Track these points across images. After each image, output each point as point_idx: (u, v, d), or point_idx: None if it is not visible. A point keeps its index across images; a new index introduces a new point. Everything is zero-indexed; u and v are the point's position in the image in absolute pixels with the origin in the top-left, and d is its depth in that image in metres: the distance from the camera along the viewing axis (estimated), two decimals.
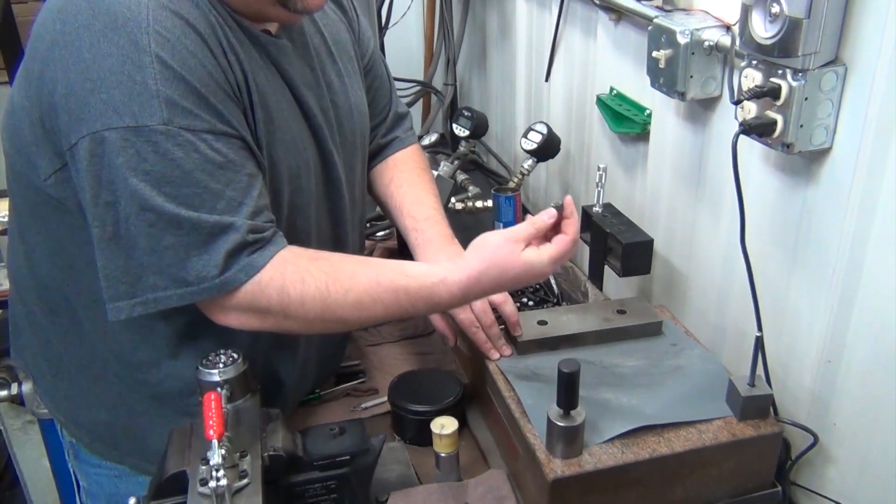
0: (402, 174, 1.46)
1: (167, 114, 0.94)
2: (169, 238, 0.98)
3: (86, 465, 1.31)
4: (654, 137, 1.58)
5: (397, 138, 1.50)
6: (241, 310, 1.05)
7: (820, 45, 1.02)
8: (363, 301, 1.08)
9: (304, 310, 1.06)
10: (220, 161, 0.99)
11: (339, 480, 1.09)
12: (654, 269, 1.59)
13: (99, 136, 0.94)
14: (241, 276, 1.02)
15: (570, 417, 1.05)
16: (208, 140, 0.98)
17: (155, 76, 0.94)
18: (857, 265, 1.09)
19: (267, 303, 1.05)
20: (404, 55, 3.02)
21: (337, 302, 1.07)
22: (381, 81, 1.46)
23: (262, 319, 1.07)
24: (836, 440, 1.19)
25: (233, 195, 1.01)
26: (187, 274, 1.00)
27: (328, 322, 1.10)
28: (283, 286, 1.05)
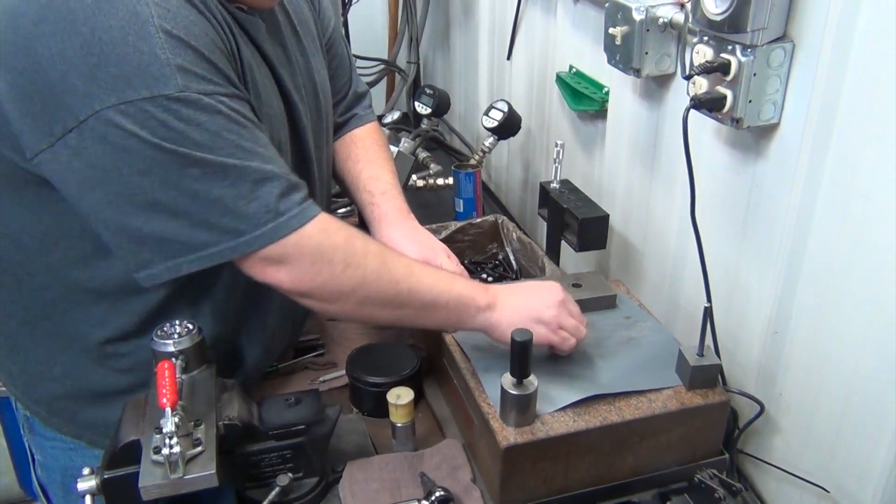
0: (360, 150, 1.47)
1: (182, 81, 0.93)
2: (217, 190, 0.97)
3: (40, 439, 1.30)
4: (612, 115, 1.60)
5: (356, 115, 1.51)
6: (303, 256, 1.03)
7: (768, 21, 1.04)
8: (412, 266, 1.13)
9: (366, 261, 1.07)
10: (241, 121, 0.99)
11: (295, 450, 1.10)
12: (611, 245, 1.61)
13: (115, 111, 0.91)
14: (294, 223, 1.01)
15: (522, 386, 1.07)
16: (226, 102, 0.98)
17: (163, 45, 0.92)
18: (803, 238, 1.12)
19: (332, 247, 1.05)
20: (368, 34, 3.01)
21: (393, 260, 1.10)
22: (340, 59, 1.46)
23: (318, 270, 1.05)
24: (782, 409, 1.22)
25: (263, 151, 1.01)
26: (240, 222, 0.99)
27: (381, 279, 1.09)
28: (350, 233, 1.07)
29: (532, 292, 1.21)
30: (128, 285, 1.08)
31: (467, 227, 1.72)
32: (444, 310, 1.14)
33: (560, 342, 1.18)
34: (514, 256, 1.68)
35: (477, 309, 1.15)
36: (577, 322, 1.20)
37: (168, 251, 1.00)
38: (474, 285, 1.18)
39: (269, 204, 1.00)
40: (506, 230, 1.71)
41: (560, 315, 1.18)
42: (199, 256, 1.00)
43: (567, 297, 1.21)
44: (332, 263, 1.05)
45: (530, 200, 2.15)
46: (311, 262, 1.04)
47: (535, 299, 1.18)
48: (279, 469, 1.10)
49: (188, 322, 1.10)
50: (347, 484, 1.14)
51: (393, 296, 1.11)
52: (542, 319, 1.16)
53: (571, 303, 1.22)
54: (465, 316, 1.15)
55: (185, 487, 0.94)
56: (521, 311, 1.16)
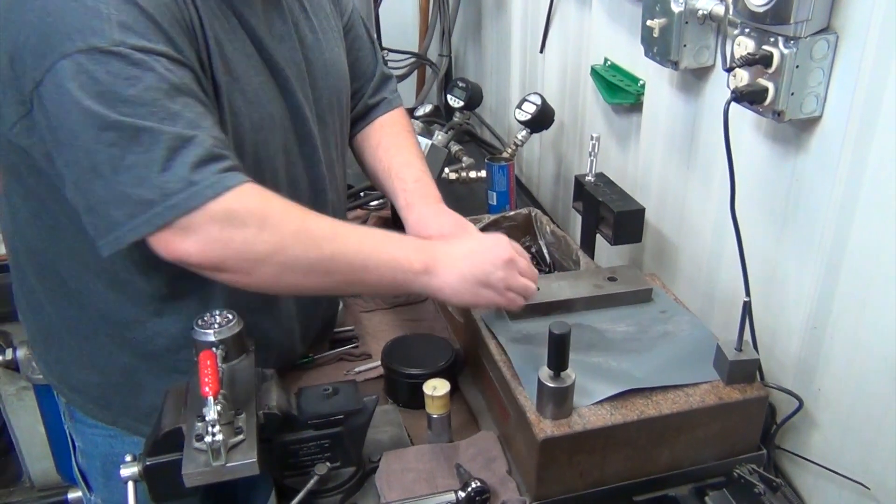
0: (389, 138, 1.44)
1: (119, 35, 0.93)
2: (130, 157, 0.94)
3: (81, 426, 1.33)
4: (648, 107, 1.59)
5: (385, 99, 1.48)
6: (211, 223, 0.97)
7: (812, 12, 1.03)
8: (337, 228, 1.06)
9: (284, 223, 1.01)
10: (176, 83, 0.97)
11: (333, 439, 1.11)
12: (646, 238, 1.60)
13: (57, 66, 0.93)
14: (209, 193, 0.96)
15: (560, 379, 1.07)
16: (163, 62, 0.96)
17: (107, 2, 0.94)
18: (844, 233, 1.11)
19: (245, 211, 0.99)
20: (399, 27, 3.01)
21: (316, 222, 1.05)
22: (361, 42, 1.44)
23: (230, 236, 0.98)
24: (821, 405, 1.21)
25: (191, 116, 0.97)
26: (152, 193, 0.94)
27: (300, 241, 1.02)
28: (268, 197, 1.01)
29: (477, 252, 1.15)
30: (130, 266, 1.10)
31: (500, 220, 1.72)
32: (376, 274, 1.08)
33: (507, 303, 1.15)
34: (548, 250, 1.68)
35: (414, 273, 1.09)
36: (527, 281, 1.16)
37: (108, 220, 0.97)
38: (410, 246, 1.12)
39: (182, 173, 0.95)
40: (539, 223, 1.71)
41: (508, 276, 1.13)
42: (128, 229, 0.96)
43: (515, 252, 1.16)
44: (245, 227, 0.99)
45: (563, 194, 2.15)
46: (220, 229, 0.98)
47: (481, 261, 1.13)
48: (317, 458, 1.11)
49: (228, 312, 1.11)
50: (384, 474, 1.15)
51: (315, 261, 1.04)
52: (489, 283, 1.12)
53: (521, 258, 1.17)
54: (400, 280, 1.09)
55: (227, 475, 0.96)
56: (467, 275, 1.11)
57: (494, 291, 1.14)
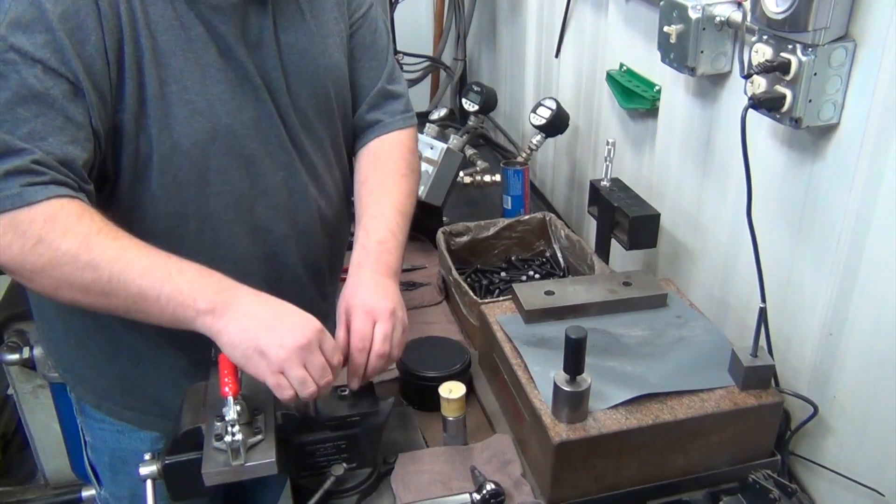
0: (376, 176, 1.31)
1: (4, 30, 0.97)
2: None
3: (91, 421, 1.34)
4: (663, 113, 1.59)
5: (381, 122, 1.34)
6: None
7: (830, 20, 1.04)
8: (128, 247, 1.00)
9: (62, 240, 0.97)
10: (38, 91, 0.98)
11: (349, 440, 1.12)
12: (660, 244, 1.61)
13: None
14: (7, 203, 0.96)
15: (575, 383, 1.08)
16: (35, 69, 0.97)
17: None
18: (861, 240, 1.11)
19: (28, 220, 0.97)
20: (414, 31, 3.03)
21: (101, 244, 0.99)
22: (365, 53, 1.33)
23: (8, 243, 0.97)
24: (836, 412, 1.21)
25: (38, 128, 0.98)
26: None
27: (77, 261, 0.98)
28: (53, 216, 0.98)
29: (273, 321, 1.01)
30: None
31: (515, 224, 1.73)
32: (157, 306, 1.00)
33: (275, 386, 1.00)
34: (562, 254, 1.69)
35: (196, 311, 0.99)
36: (310, 378, 1.01)
37: None
38: (203, 283, 1.01)
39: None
40: (554, 227, 1.71)
41: (289, 360, 0.99)
42: None
43: (316, 345, 1.02)
44: (24, 237, 0.97)
45: (577, 199, 2.15)
46: (1, 234, 0.97)
47: (271, 330, 1.00)
48: (333, 459, 1.12)
49: None
50: (399, 475, 1.15)
51: (90, 281, 0.98)
52: (265, 354, 0.99)
53: (318, 354, 1.02)
54: (181, 316, 1.00)
55: (245, 474, 0.97)
56: (249, 334, 0.99)
57: (267, 365, 0.99)
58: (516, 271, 1.70)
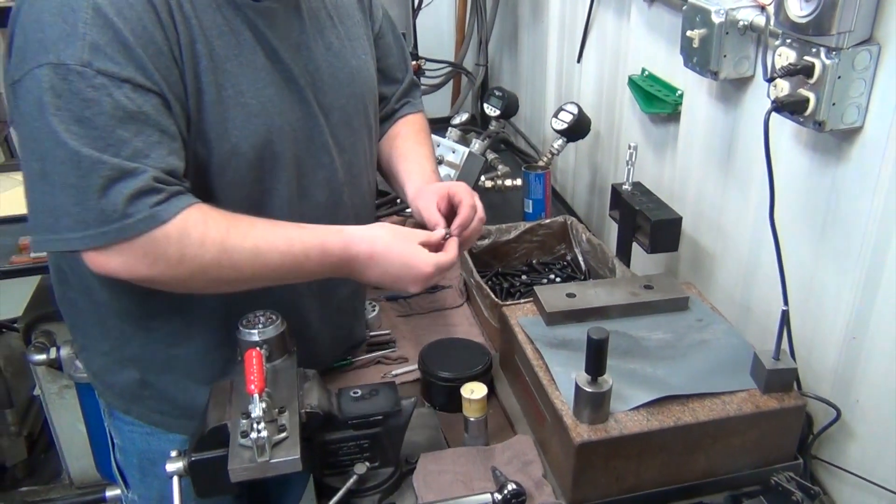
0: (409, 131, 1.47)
1: (88, 55, 0.97)
2: (72, 177, 0.98)
3: (120, 423, 1.36)
4: (685, 117, 1.60)
5: (409, 103, 1.50)
6: (135, 255, 1.02)
7: (854, 23, 1.04)
8: (259, 246, 1.08)
9: (203, 251, 1.04)
10: (132, 110, 1.00)
11: (372, 439, 1.13)
12: (682, 248, 1.61)
13: (32, 74, 0.98)
14: (142, 227, 1.00)
15: (597, 384, 1.08)
16: (125, 89, 0.99)
17: (86, 20, 0.97)
18: (885, 244, 1.11)
19: (165, 243, 1.02)
20: (436, 36, 3.04)
21: (235, 246, 1.06)
22: (389, 50, 1.45)
23: (152, 261, 1.03)
24: (859, 416, 1.21)
25: (140, 146, 1.01)
26: (88, 215, 0.99)
27: (223, 269, 1.06)
28: (186, 229, 1.03)
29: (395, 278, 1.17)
30: None
31: (536, 227, 1.74)
32: (298, 279, 1.16)
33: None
34: (584, 257, 1.69)
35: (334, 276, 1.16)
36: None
37: (43, 224, 1.02)
38: (328, 267, 1.14)
39: (117, 204, 0.98)
40: (575, 231, 1.72)
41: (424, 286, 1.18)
42: (57, 238, 1.01)
43: (435, 273, 1.17)
44: (165, 257, 1.03)
45: (598, 203, 2.16)
46: (142, 256, 1.02)
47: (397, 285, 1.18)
48: (356, 458, 1.13)
49: (272, 312, 1.13)
50: (421, 475, 1.16)
51: (234, 279, 1.09)
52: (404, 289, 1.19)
53: (437, 276, 1.18)
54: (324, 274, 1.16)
55: (270, 471, 0.98)
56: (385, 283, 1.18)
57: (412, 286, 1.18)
58: (537, 275, 1.71)
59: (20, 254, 1.94)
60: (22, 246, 1.96)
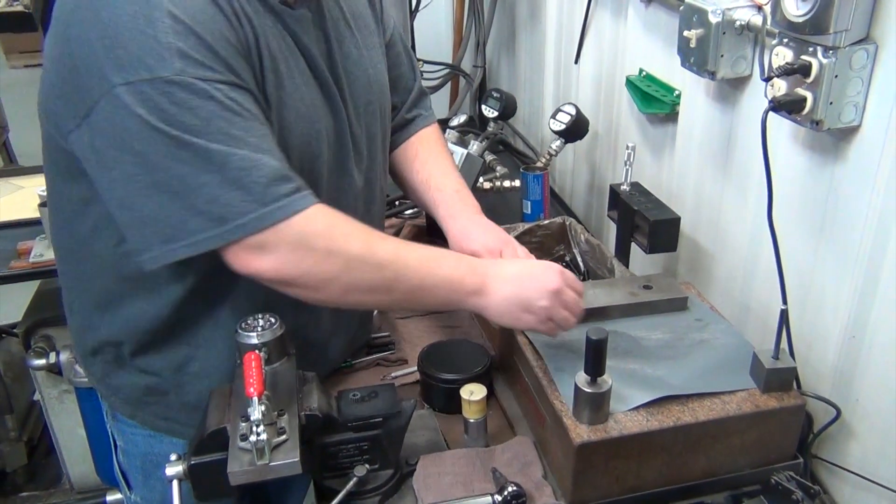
0: (426, 151, 1.48)
1: (179, 64, 0.97)
2: (203, 176, 0.99)
3: (123, 425, 1.35)
4: (683, 117, 1.60)
5: (421, 115, 1.51)
6: (285, 250, 1.03)
7: (851, 22, 1.04)
8: (399, 245, 1.13)
9: (349, 246, 1.07)
10: (237, 109, 1.01)
11: (372, 442, 1.12)
12: (680, 248, 1.61)
13: (121, 90, 0.97)
14: (279, 214, 1.01)
15: (596, 384, 1.08)
16: (223, 90, 1.00)
17: (166, 30, 0.97)
18: (883, 242, 1.11)
19: (314, 234, 1.04)
20: (433, 38, 3.05)
21: (378, 244, 1.10)
22: (400, 58, 1.47)
23: (300, 258, 1.05)
24: (859, 415, 1.21)
25: (255, 141, 1.02)
26: (224, 210, 1.00)
27: (366, 264, 1.09)
28: (334, 220, 1.07)
29: (525, 278, 1.18)
30: (159, 275, 1.12)
31: (535, 228, 1.74)
32: (432, 293, 1.15)
33: (546, 331, 1.19)
34: (582, 258, 1.69)
35: (466, 293, 1.15)
36: (568, 315, 1.19)
37: (165, 234, 1.02)
38: (464, 266, 1.17)
39: (255, 193, 1.00)
40: (573, 232, 1.72)
41: (552, 307, 1.16)
42: (189, 242, 1.01)
43: (564, 284, 1.18)
44: (314, 250, 1.05)
45: (596, 203, 2.16)
46: (291, 250, 1.04)
47: (527, 286, 1.17)
48: (356, 460, 1.13)
49: (270, 316, 1.13)
50: (421, 477, 1.16)
51: (379, 281, 1.10)
52: (531, 309, 1.16)
53: (568, 290, 1.19)
54: (454, 299, 1.16)
55: (270, 474, 0.98)
56: (512, 299, 1.16)
57: (535, 318, 1.17)
58: None
59: (19, 259, 1.94)
60: (21, 251, 1.96)
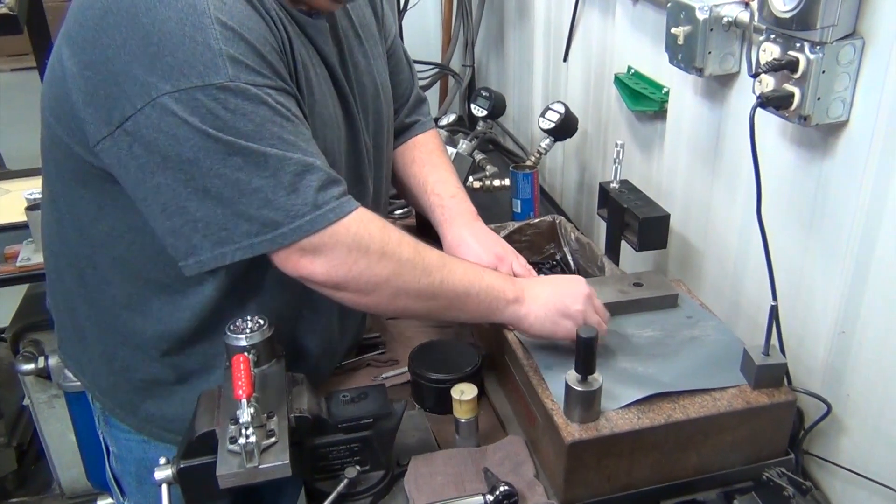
0: (424, 155, 1.49)
1: (232, 70, 0.96)
2: (257, 180, 0.99)
3: (116, 431, 1.34)
4: (672, 114, 1.60)
5: (419, 121, 1.53)
6: (339, 245, 1.04)
7: (838, 18, 1.04)
8: (443, 254, 1.15)
9: (401, 250, 1.08)
10: (286, 114, 1.02)
11: (363, 443, 1.12)
12: (670, 245, 1.61)
13: (169, 98, 0.95)
14: (332, 216, 1.03)
15: (587, 382, 1.08)
16: (273, 95, 1.00)
17: (216, 36, 0.96)
18: (872, 237, 1.11)
19: (369, 236, 1.06)
20: (422, 38, 3.04)
21: (426, 251, 1.12)
22: (401, 65, 1.49)
23: (354, 259, 1.05)
24: (850, 410, 1.21)
25: (304, 146, 1.03)
26: (278, 214, 1.01)
27: (416, 268, 1.10)
28: (385, 224, 1.09)
29: (559, 286, 1.22)
30: (187, 278, 1.11)
31: (525, 227, 1.73)
32: (475, 301, 1.16)
33: None
34: (573, 257, 1.69)
35: (506, 302, 1.17)
36: (601, 318, 1.22)
37: (216, 238, 1.02)
38: (503, 278, 1.21)
39: (308, 196, 1.01)
40: (563, 230, 1.71)
41: (587, 310, 1.19)
42: (241, 246, 1.02)
43: (592, 291, 1.22)
44: (368, 252, 1.06)
45: (586, 202, 2.16)
46: (346, 252, 1.05)
47: (563, 293, 1.20)
48: (347, 462, 1.12)
49: (259, 317, 1.13)
50: (412, 477, 1.16)
51: (426, 286, 1.11)
52: (568, 314, 1.18)
53: (596, 297, 1.23)
54: (494, 308, 1.17)
55: (260, 476, 0.97)
56: (549, 305, 1.18)
57: (573, 323, 1.18)
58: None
59: (6, 263, 1.93)
60: (7, 255, 1.94)
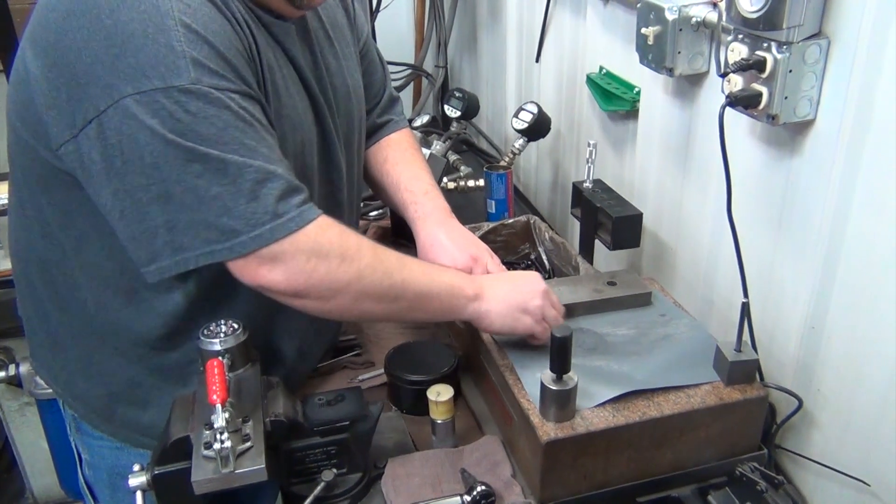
0: (397, 153, 1.49)
1: (194, 73, 0.95)
2: (216, 188, 0.98)
3: (88, 438, 1.33)
4: (643, 114, 1.61)
5: (392, 121, 1.53)
6: (298, 253, 1.03)
7: (804, 18, 1.05)
8: (402, 256, 1.14)
9: (360, 255, 1.08)
10: (249, 119, 1.00)
11: (339, 446, 1.12)
12: (643, 244, 1.62)
13: (131, 100, 0.94)
14: (291, 226, 1.02)
15: (562, 381, 1.09)
16: (236, 99, 0.99)
17: (179, 38, 0.95)
18: (840, 234, 1.13)
19: (328, 242, 1.05)
20: (395, 39, 3.04)
21: (384, 254, 1.12)
22: (374, 66, 1.49)
23: (314, 267, 1.04)
24: (820, 404, 1.23)
25: (266, 152, 1.02)
26: (237, 222, 0.99)
27: (376, 271, 1.10)
28: (343, 229, 1.08)
29: (517, 282, 1.24)
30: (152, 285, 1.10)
31: (499, 227, 1.74)
32: (437, 300, 1.17)
33: (542, 332, 1.21)
34: (547, 256, 1.70)
35: (467, 299, 1.18)
36: (558, 313, 1.24)
37: (176, 244, 1.01)
38: (461, 276, 1.22)
39: (268, 205, 1.00)
40: (538, 230, 1.72)
41: (545, 305, 1.21)
42: (202, 253, 1.01)
43: (548, 287, 1.24)
44: (328, 258, 1.05)
45: (560, 201, 2.17)
46: (306, 259, 1.04)
47: (521, 290, 1.21)
48: (323, 465, 1.12)
49: (233, 321, 1.12)
50: (390, 479, 1.16)
51: (387, 288, 1.11)
52: (527, 310, 1.20)
53: (552, 293, 1.25)
54: (455, 306, 1.18)
55: (235, 481, 0.97)
56: (509, 301, 1.20)
57: (532, 318, 1.20)
58: None
59: None
60: None
